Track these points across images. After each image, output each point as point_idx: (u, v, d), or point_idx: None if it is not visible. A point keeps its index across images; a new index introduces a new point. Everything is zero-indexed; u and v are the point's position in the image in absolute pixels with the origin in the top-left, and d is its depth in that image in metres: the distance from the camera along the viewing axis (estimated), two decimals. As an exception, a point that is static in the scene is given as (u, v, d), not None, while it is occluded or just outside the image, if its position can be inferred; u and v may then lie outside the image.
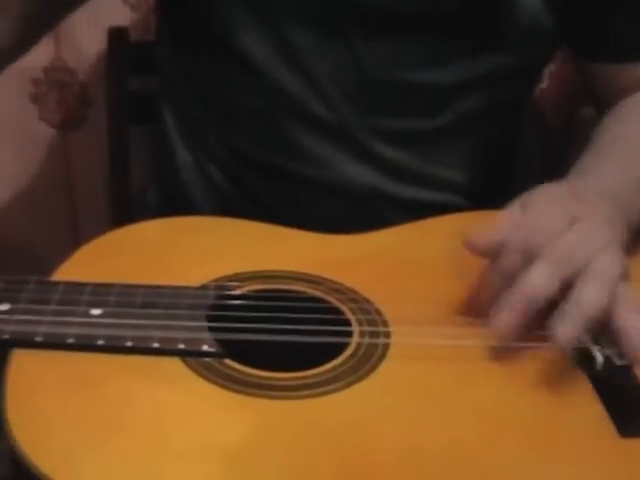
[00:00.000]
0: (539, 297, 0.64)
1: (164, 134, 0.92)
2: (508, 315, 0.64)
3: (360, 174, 0.86)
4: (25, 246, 1.29)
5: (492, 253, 0.67)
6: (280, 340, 0.66)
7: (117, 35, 1.12)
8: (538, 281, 0.64)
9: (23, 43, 0.87)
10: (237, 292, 0.71)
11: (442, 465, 0.59)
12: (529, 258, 0.65)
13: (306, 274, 0.74)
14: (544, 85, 1.23)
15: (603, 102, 0.90)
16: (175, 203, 0.93)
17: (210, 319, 0.67)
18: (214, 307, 0.69)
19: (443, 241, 0.73)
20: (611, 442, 0.62)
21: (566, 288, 0.65)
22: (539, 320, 0.65)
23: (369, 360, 0.66)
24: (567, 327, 0.63)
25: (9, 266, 0.74)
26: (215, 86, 0.87)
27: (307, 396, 0.63)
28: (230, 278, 0.73)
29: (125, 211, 1.16)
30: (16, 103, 1.22)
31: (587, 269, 0.65)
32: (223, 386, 0.62)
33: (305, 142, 0.85)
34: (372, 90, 0.83)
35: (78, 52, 1.19)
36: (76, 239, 1.30)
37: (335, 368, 0.65)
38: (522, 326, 0.65)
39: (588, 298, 0.64)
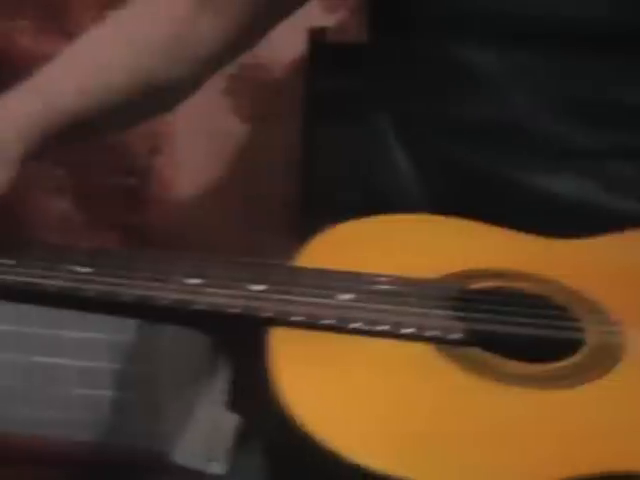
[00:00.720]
0: None
1: (376, 138, 0.94)
2: None
3: (575, 186, 0.87)
4: (208, 240, 1.34)
5: None
6: (522, 333, 0.69)
7: (317, 35, 1.16)
8: None
9: (236, 49, 0.93)
10: (472, 287, 0.74)
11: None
12: None
13: (529, 274, 0.77)
14: None
15: None
16: (379, 205, 0.95)
17: (454, 310, 0.71)
18: (456, 300, 0.72)
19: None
20: None
21: None
22: None
23: (603, 360, 0.68)
24: None
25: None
26: (436, 97, 0.88)
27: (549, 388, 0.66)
28: (462, 274, 0.75)
29: (311, 208, 1.19)
30: (208, 96, 1.27)
31: None
32: (476, 373, 0.66)
33: (522, 153, 0.86)
34: (593, 106, 0.84)
35: (274, 50, 1.23)
36: (255, 234, 1.34)
37: (576, 364, 0.68)
38: None
39: None
